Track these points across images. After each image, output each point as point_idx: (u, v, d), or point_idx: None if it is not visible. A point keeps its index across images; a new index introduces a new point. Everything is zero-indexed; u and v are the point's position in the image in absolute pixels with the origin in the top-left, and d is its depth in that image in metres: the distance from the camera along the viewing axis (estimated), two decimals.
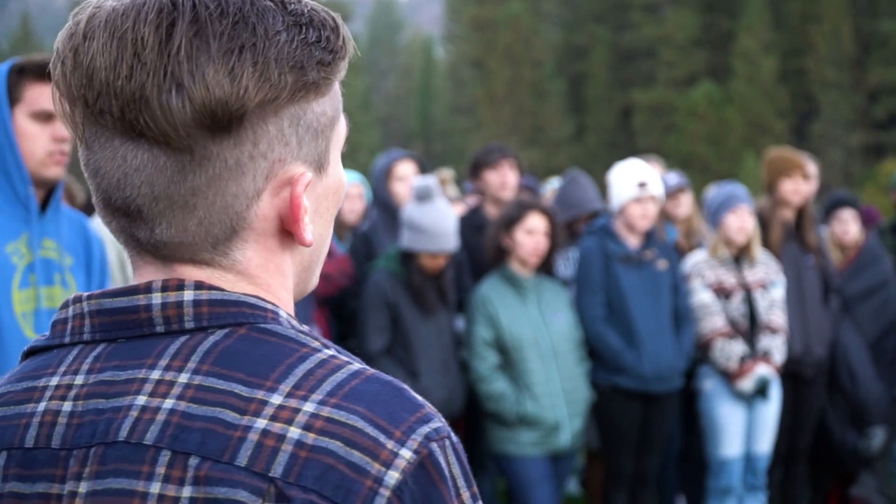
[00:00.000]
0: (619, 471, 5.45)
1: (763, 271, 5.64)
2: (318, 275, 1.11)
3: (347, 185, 3.72)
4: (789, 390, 5.72)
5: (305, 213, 1.01)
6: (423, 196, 4.92)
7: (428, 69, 59.44)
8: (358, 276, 5.26)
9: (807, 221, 5.90)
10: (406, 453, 0.92)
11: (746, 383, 5.47)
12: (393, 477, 0.91)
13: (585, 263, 5.45)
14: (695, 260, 5.68)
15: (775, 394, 5.59)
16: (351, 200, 6.08)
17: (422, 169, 5.68)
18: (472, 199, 6.25)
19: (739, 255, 5.63)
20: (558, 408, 5.06)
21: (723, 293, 5.58)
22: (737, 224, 5.58)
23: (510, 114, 45.67)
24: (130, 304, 0.99)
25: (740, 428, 5.56)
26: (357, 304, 5.12)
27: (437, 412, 0.97)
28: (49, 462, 0.98)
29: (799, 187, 5.83)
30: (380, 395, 0.94)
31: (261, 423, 0.92)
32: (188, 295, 0.98)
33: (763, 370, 5.48)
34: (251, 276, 1.02)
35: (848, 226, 6.26)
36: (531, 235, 5.11)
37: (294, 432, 0.92)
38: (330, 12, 1.02)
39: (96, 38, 0.96)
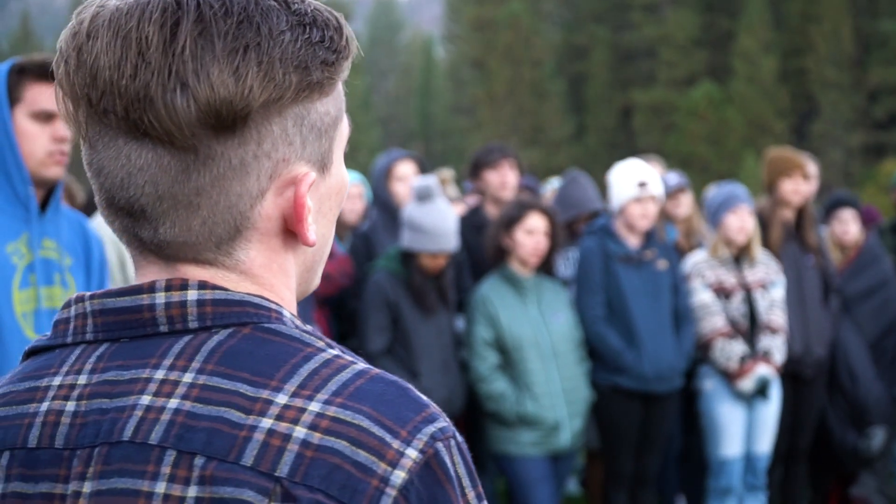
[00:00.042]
0: (619, 471, 5.45)
1: (763, 271, 5.64)
2: (321, 275, 1.11)
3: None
4: (789, 390, 5.71)
5: (309, 212, 1.00)
6: (423, 196, 4.92)
7: (428, 69, 59.41)
8: (358, 276, 5.26)
9: (807, 221, 5.90)
10: (412, 453, 0.92)
11: (746, 383, 5.47)
12: (399, 476, 0.91)
13: (585, 263, 5.45)
14: (695, 260, 5.67)
15: (775, 394, 5.59)
16: (351, 200, 6.07)
17: (422, 169, 5.67)
18: (472, 199, 6.24)
19: (739, 255, 5.62)
20: (558, 408, 5.05)
21: (723, 293, 5.58)
22: (737, 224, 5.57)
23: (510, 114, 45.64)
24: (134, 304, 0.99)
25: (740, 428, 5.55)
26: (357, 304, 5.12)
27: (441, 412, 0.97)
28: (52, 462, 0.98)
29: (799, 187, 5.83)
30: (385, 395, 0.94)
31: (266, 423, 0.92)
32: (192, 295, 0.98)
33: (763, 370, 5.48)
34: (255, 276, 1.01)
35: (848, 226, 6.26)
36: (531, 235, 5.10)
37: (300, 432, 0.91)
38: (333, 12, 1.02)
39: (100, 37, 0.95)
